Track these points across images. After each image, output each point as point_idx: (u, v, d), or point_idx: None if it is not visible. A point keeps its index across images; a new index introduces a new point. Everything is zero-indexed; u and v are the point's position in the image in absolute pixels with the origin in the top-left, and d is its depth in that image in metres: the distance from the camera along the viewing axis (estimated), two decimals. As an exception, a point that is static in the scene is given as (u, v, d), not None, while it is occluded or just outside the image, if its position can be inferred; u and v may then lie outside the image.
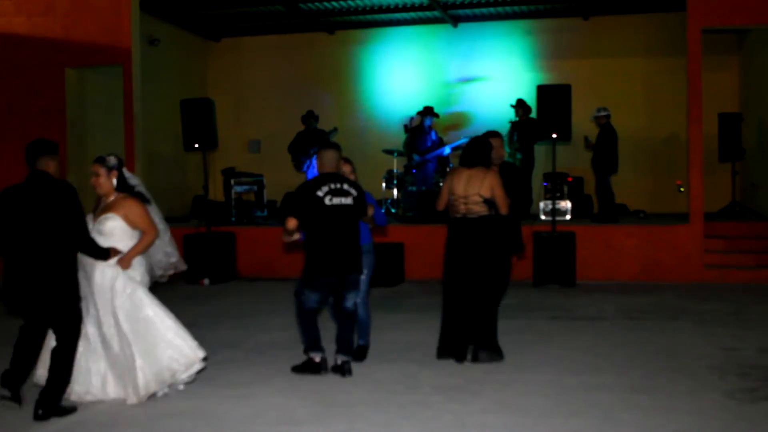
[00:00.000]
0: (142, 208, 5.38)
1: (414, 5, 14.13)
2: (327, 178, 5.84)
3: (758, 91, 13.06)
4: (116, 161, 5.41)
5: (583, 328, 7.51)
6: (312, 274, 5.76)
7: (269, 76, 15.91)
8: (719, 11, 10.79)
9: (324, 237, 5.75)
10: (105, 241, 5.21)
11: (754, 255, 10.72)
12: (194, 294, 10.20)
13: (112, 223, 5.26)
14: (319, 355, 5.87)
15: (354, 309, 6.00)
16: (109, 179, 5.36)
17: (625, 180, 13.22)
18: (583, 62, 14.50)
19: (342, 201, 5.78)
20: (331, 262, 5.74)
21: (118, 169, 5.39)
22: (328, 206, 5.72)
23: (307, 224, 5.78)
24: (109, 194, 5.38)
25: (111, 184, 5.36)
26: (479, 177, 6.18)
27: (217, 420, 4.88)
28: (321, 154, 5.99)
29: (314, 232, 5.78)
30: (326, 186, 5.77)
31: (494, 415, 4.85)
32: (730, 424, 4.66)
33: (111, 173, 5.36)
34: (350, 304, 5.97)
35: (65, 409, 4.98)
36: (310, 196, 5.73)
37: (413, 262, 10.97)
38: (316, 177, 5.95)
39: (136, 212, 5.32)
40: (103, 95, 13.30)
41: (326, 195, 5.74)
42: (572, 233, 10.28)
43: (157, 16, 14.24)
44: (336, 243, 5.75)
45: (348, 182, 5.94)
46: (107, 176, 5.35)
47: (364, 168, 14.36)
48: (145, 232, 5.36)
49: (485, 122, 13.59)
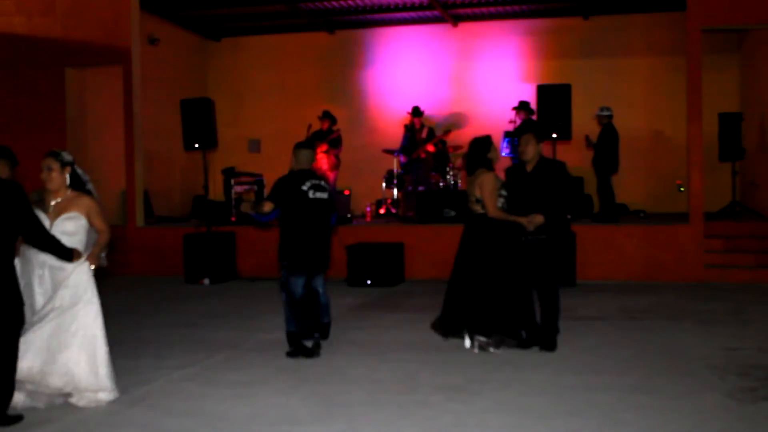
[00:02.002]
0: (99, 207, 5.28)
1: (414, 5, 14.13)
2: (307, 174, 6.48)
3: (758, 91, 13.06)
4: (70, 157, 5.26)
5: (583, 328, 7.50)
6: (294, 260, 6.37)
7: (269, 76, 15.92)
8: (719, 11, 10.79)
9: (306, 226, 6.40)
10: (69, 241, 5.08)
11: (754, 255, 10.72)
12: (194, 294, 10.20)
13: (79, 222, 5.16)
14: (311, 342, 6.45)
15: (322, 290, 6.68)
16: (62, 175, 5.19)
17: (625, 180, 13.22)
18: (583, 62, 14.50)
19: (321, 195, 6.47)
20: (310, 249, 6.42)
21: (71, 165, 5.24)
22: (311, 199, 6.39)
23: (289, 214, 6.40)
24: (60, 190, 5.20)
25: (64, 180, 5.20)
26: (476, 178, 6.49)
27: (217, 420, 4.87)
28: (297, 152, 6.56)
29: (296, 221, 6.40)
30: (309, 181, 6.42)
31: (494, 415, 4.85)
32: (730, 424, 4.66)
33: (65, 169, 5.20)
34: (320, 286, 6.64)
35: (10, 418, 4.75)
36: (296, 189, 6.35)
37: (413, 262, 10.97)
38: (296, 172, 6.49)
39: (95, 211, 5.23)
40: (103, 95, 13.30)
41: (309, 189, 6.39)
42: (572, 233, 10.28)
43: (157, 16, 14.24)
44: (315, 232, 6.44)
45: (323, 179, 6.63)
46: (61, 172, 5.18)
47: (364, 168, 14.52)
48: (102, 231, 5.27)
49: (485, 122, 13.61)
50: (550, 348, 6.44)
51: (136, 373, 5.99)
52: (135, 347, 6.69)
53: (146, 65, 12.89)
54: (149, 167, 13.02)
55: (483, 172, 6.44)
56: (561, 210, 6.50)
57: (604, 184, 11.43)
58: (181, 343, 7.08)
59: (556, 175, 6.45)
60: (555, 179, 6.42)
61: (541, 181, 6.41)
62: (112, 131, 13.01)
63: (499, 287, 6.36)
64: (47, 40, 12.58)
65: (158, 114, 13.58)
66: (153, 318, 8.55)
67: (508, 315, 6.38)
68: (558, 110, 10.48)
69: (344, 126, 13.60)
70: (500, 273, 6.38)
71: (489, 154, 6.50)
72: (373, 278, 10.42)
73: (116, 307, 9.12)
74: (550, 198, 6.35)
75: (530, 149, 6.43)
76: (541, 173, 6.43)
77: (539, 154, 6.50)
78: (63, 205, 5.19)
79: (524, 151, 6.46)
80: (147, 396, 5.41)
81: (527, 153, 6.44)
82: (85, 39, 12.44)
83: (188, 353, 6.65)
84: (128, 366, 6.09)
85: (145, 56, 12.99)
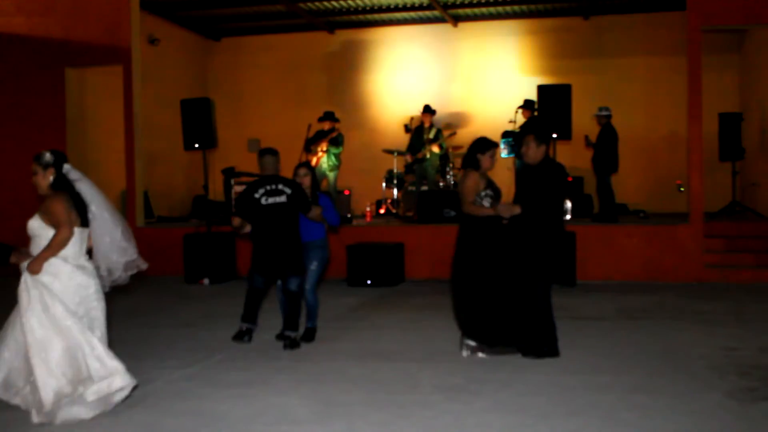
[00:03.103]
0: (59, 203, 4.89)
1: (414, 5, 14.14)
2: (265, 181, 6.73)
3: (758, 91, 13.06)
4: (51, 158, 5.03)
5: (583, 328, 7.50)
6: (254, 262, 6.83)
7: (269, 76, 15.93)
8: (719, 11, 10.79)
9: (262, 233, 6.75)
10: (34, 244, 4.90)
11: (754, 255, 10.72)
12: (194, 294, 10.20)
13: (32, 222, 4.94)
14: (245, 326, 6.84)
15: (296, 291, 6.80)
16: (45, 177, 5.01)
17: (625, 180, 13.23)
18: (583, 62, 14.51)
19: (276, 200, 6.68)
20: (267, 255, 6.73)
21: (54, 166, 5.03)
22: (264, 206, 6.66)
23: (251, 222, 6.78)
24: (46, 193, 5.05)
25: (47, 182, 5.02)
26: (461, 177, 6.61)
27: (217, 420, 4.87)
28: (261, 158, 6.87)
29: (255, 229, 6.79)
30: (263, 188, 6.69)
31: (494, 415, 4.85)
32: (730, 424, 4.66)
33: (47, 171, 5.01)
34: (293, 286, 6.78)
35: None
36: (250, 198, 6.68)
37: (413, 262, 10.97)
38: (257, 180, 6.81)
39: (50, 208, 4.89)
40: (103, 95, 13.30)
41: (262, 196, 6.67)
42: (572, 233, 10.28)
43: (157, 16, 14.24)
44: (271, 238, 6.71)
45: (284, 182, 6.76)
46: (43, 174, 5.01)
47: (364, 168, 14.53)
48: (59, 228, 4.85)
49: (485, 122, 13.62)
50: (531, 353, 6.20)
51: (136, 373, 5.96)
52: (135, 347, 6.69)
53: (146, 65, 12.89)
54: (149, 167, 13.02)
55: (468, 171, 6.46)
56: (544, 207, 6.27)
57: (603, 184, 11.43)
58: (181, 343, 7.09)
59: (550, 175, 6.39)
60: (548, 179, 6.37)
61: (540, 182, 6.38)
62: (112, 131, 13.01)
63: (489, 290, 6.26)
64: (47, 40, 12.58)
65: (158, 114, 13.58)
66: (153, 318, 8.55)
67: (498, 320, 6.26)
68: (558, 110, 10.48)
69: (344, 126, 13.59)
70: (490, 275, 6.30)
71: (480, 155, 6.41)
72: (373, 278, 10.42)
73: (116, 307, 9.12)
74: (537, 195, 6.31)
75: (530, 151, 6.40)
76: (542, 174, 6.40)
77: (544, 154, 6.39)
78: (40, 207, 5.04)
79: (524, 152, 6.45)
80: (147, 396, 5.40)
81: (527, 155, 6.43)
82: (85, 39, 12.43)
83: (188, 353, 6.65)
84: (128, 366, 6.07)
85: (145, 56, 12.99)
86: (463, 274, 6.33)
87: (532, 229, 6.22)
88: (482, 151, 6.44)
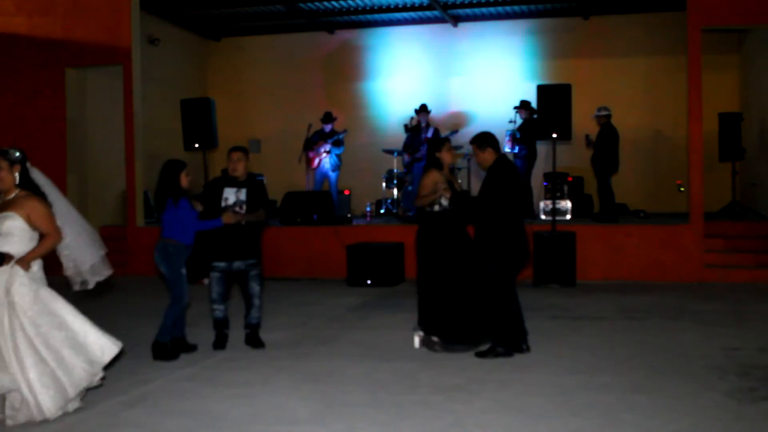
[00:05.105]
0: (47, 208, 4.97)
1: (414, 5, 14.14)
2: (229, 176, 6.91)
3: (758, 91, 13.05)
4: (19, 154, 5.03)
5: (583, 328, 7.51)
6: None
7: (269, 76, 15.92)
8: (719, 11, 10.79)
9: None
10: (2, 241, 4.88)
11: (754, 255, 10.72)
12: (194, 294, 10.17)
13: (12, 222, 4.88)
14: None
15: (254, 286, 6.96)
16: (11, 173, 4.98)
17: (625, 180, 13.23)
18: (583, 62, 14.51)
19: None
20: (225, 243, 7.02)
21: (21, 163, 5.02)
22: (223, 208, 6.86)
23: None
24: (10, 190, 5.00)
25: (13, 178, 4.99)
26: None
27: (217, 420, 4.87)
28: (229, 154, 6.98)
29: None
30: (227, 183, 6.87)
31: (494, 415, 4.85)
32: (730, 424, 4.66)
33: (14, 167, 4.98)
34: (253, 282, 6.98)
35: None
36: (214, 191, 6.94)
37: (413, 262, 10.92)
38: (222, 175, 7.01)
39: (40, 213, 4.92)
40: (103, 95, 13.30)
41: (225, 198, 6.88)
42: (572, 233, 10.28)
43: (157, 16, 14.24)
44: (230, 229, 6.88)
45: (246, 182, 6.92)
46: (9, 170, 4.97)
47: (364, 168, 14.52)
48: (48, 234, 4.95)
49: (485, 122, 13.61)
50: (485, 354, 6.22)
51: (136, 373, 6.00)
52: (135, 347, 6.69)
53: (146, 65, 12.89)
54: (149, 167, 12.99)
55: (429, 170, 6.64)
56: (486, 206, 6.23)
57: (603, 184, 11.43)
58: (181, 343, 7.08)
59: (493, 175, 6.31)
60: (491, 179, 6.31)
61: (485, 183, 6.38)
62: (112, 131, 13.01)
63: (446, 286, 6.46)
64: (47, 40, 12.58)
65: (158, 114, 13.58)
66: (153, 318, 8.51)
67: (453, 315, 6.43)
68: (558, 110, 10.48)
69: (344, 126, 13.60)
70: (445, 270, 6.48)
71: (438, 154, 6.63)
72: (373, 278, 10.42)
73: (116, 307, 9.14)
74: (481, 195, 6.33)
75: (477, 158, 6.48)
76: (488, 175, 6.38)
77: (495, 156, 6.35)
78: (6, 204, 4.98)
79: (476, 162, 6.64)
80: (147, 396, 5.41)
81: (478, 162, 6.58)
82: (85, 39, 12.44)
83: (188, 353, 6.65)
84: (128, 366, 6.10)
85: (145, 56, 12.98)
86: (421, 271, 6.62)
87: (478, 227, 6.37)
88: (438, 149, 6.67)
